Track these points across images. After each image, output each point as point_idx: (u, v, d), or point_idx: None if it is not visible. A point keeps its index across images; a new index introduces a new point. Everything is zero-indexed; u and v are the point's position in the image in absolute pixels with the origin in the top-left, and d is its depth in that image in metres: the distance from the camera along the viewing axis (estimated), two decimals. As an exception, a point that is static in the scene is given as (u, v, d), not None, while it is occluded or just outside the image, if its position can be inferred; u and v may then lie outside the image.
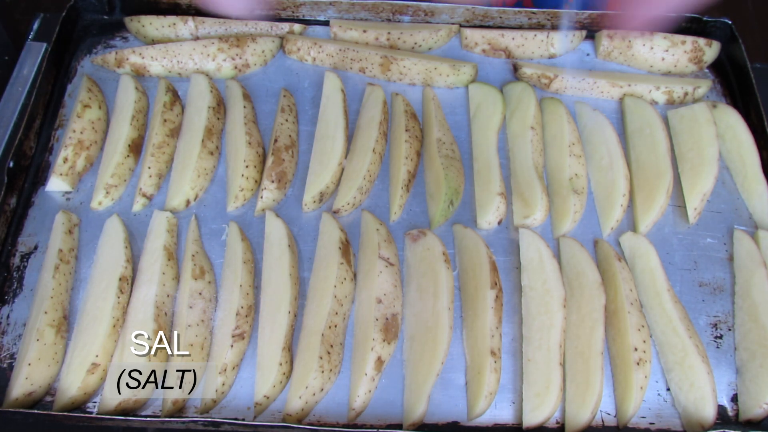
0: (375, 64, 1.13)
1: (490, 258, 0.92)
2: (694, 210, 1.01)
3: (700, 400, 0.85)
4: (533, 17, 1.17)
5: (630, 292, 0.91)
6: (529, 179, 1.01)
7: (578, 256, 0.95)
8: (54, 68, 1.11)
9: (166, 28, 1.14)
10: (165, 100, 1.06)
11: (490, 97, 1.10)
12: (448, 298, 0.89)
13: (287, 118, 1.06)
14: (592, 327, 0.88)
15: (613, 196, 1.00)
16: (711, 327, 0.93)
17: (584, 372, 0.86)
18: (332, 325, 0.88)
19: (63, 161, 1.00)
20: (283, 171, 1.01)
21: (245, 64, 1.13)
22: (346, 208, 0.99)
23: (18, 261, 0.95)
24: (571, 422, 0.84)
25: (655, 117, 1.07)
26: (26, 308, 0.91)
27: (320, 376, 0.84)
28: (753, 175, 1.03)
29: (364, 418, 0.85)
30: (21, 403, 0.83)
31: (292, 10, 1.20)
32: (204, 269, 0.92)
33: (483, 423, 0.85)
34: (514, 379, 0.88)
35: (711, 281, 0.97)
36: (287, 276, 0.91)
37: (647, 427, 0.86)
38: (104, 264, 0.92)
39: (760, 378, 0.86)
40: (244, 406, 0.85)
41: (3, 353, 0.88)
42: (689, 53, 1.14)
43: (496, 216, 0.99)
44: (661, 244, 0.99)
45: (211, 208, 1.01)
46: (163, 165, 1.02)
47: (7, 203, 0.97)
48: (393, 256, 0.94)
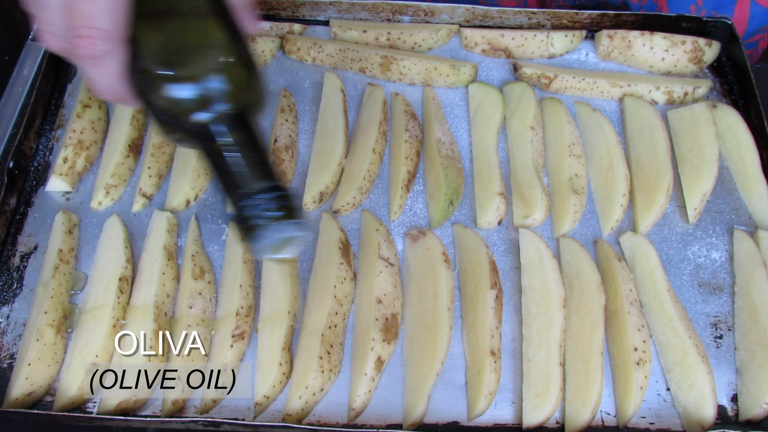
0: (375, 64, 1.13)
1: (490, 258, 0.92)
2: (694, 210, 1.01)
3: (700, 400, 0.85)
4: (533, 17, 1.17)
5: (630, 292, 0.91)
6: (529, 179, 1.01)
7: (578, 256, 0.95)
8: (54, 68, 1.11)
9: (166, 28, 1.14)
10: (165, 100, 1.06)
11: (490, 97, 1.10)
12: (448, 298, 0.89)
13: (287, 118, 1.06)
14: (592, 327, 0.88)
15: (613, 196, 1.00)
16: (711, 327, 0.93)
17: (584, 372, 0.86)
18: (332, 325, 0.88)
19: (63, 161, 1.00)
20: (283, 171, 1.01)
21: (245, 64, 1.13)
22: (346, 208, 0.99)
23: (18, 261, 0.95)
24: (571, 422, 0.84)
25: (655, 117, 1.07)
26: (26, 308, 0.91)
27: (320, 376, 0.84)
28: (753, 175, 1.03)
29: (364, 418, 0.85)
30: (21, 403, 0.83)
31: (292, 10, 1.20)
32: (204, 269, 0.92)
33: (483, 423, 0.85)
34: (514, 379, 0.88)
35: (711, 281, 0.97)
36: (287, 276, 0.91)
37: (647, 427, 0.86)
38: (104, 264, 0.92)
39: (760, 378, 0.86)
40: (244, 406, 0.85)
41: (3, 353, 0.88)
42: (689, 53, 1.14)
43: (496, 216, 0.99)
44: (661, 244, 0.99)
45: (211, 208, 1.01)
46: (163, 165, 1.02)
47: (7, 203, 0.97)
48: (393, 256, 0.94)
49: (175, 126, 0.64)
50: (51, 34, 0.62)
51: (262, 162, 0.63)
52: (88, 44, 0.59)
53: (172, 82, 0.61)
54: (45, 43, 0.63)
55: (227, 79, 0.62)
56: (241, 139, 0.63)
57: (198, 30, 0.63)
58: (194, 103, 0.61)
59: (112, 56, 0.60)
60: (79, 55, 0.60)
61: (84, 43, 0.59)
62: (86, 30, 0.58)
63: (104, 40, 0.59)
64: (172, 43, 0.62)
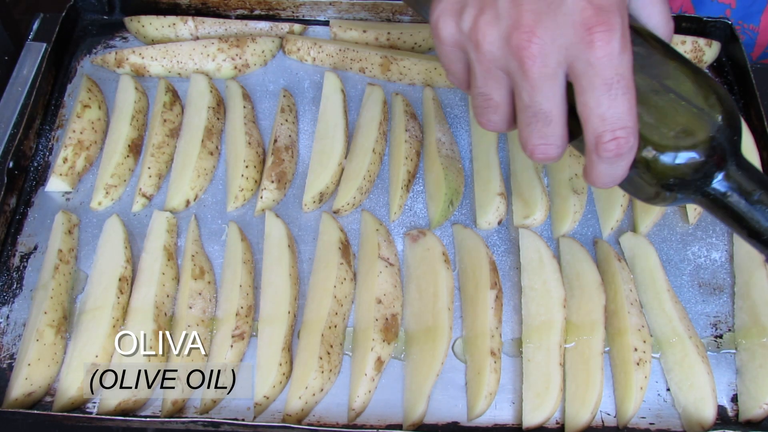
0: (375, 64, 1.13)
1: (490, 258, 0.92)
2: (694, 210, 1.01)
3: (700, 400, 0.85)
4: (533, 17, 1.17)
5: (630, 292, 0.91)
6: (529, 179, 1.01)
7: (578, 256, 0.95)
8: (54, 68, 1.11)
9: (165, 28, 1.14)
10: (165, 100, 1.06)
11: (490, 97, 1.10)
12: (448, 298, 0.89)
13: (287, 118, 1.06)
14: (592, 327, 0.88)
15: (613, 196, 1.00)
16: (711, 327, 0.93)
17: (584, 372, 0.86)
18: (332, 326, 0.88)
19: (63, 161, 1.00)
20: (283, 171, 1.01)
21: (245, 64, 1.13)
22: (346, 208, 0.99)
23: (18, 261, 0.95)
24: (571, 422, 0.84)
25: (655, 117, 1.07)
26: (26, 308, 0.91)
27: (320, 376, 0.84)
28: (753, 175, 1.03)
29: (364, 418, 0.85)
30: (20, 403, 0.83)
31: (292, 10, 1.20)
32: (204, 269, 0.92)
33: (483, 423, 0.85)
34: (514, 379, 0.88)
35: (711, 281, 0.97)
36: (287, 276, 0.91)
37: (647, 427, 0.86)
38: (104, 264, 0.92)
39: (760, 378, 0.86)
40: (244, 407, 0.85)
41: (3, 353, 0.88)
42: (689, 53, 1.14)
43: (496, 216, 0.99)
44: (661, 244, 0.99)
45: (211, 208, 1.01)
46: (162, 165, 1.02)
47: (7, 203, 0.97)
48: (393, 257, 0.94)
49: (685, 190, 0.65)
50: (553, 146, 0.64)
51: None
52: (617, 145, 0.60)
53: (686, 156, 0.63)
54: (542, 154, 0.65)
55: (724, 133, 0.63)
56: (753, 180, 0.65)
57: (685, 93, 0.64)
58: (706, 167, 0.63)
59: (635, 148, 0.62)
60: (606, 156, 0.61)
61: (620, 144, 0.60)
62: (620, 131, 0.59)
63: (632, 137, 0.60)
64: (668, 116, 0.63)
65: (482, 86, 0.66)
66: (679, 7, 1.23)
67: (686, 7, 1.23)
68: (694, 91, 0.64)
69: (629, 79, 0.59)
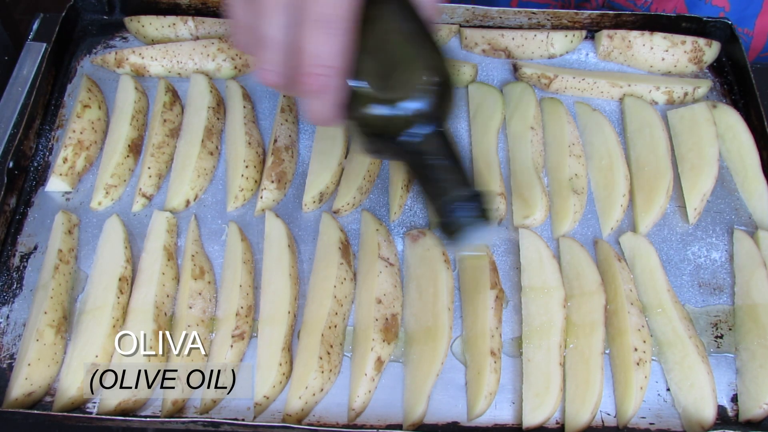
0: (375, 64, 1.12)
1: (490, 258, 0.92)
2: (694, 210, 1.01)
3: (700, 400, 0.85)
4: (533, 17, 1.17)
5: (630, 292, 0.91)
6: (529, 179, 1.01)
7: (578, 256, 0.95)
8: (54, 68, 1.11)
9: (165, 28, 1.14)
10: (165, 100, 1.06)
11: (490, 97, 1.10)
12: (448, 299, 0.89)
13: (287, 118, 1.06)
14: (592, 327, 0.88)
15: (613, 197, 1.00)
16: (711, 327, 0.93)
17: (584, 372, 0.86)
18: (332, 326, 0.88)
19: (63, 161, 1.00)
20: (283, 171, 1.01)
21: (245, 64, 1.13)
22: (346, 208, 0.99)
23: (18, 261, 0.95)
24: (571, 422, 0.84)
25: (655, 117, 1.07)
26: (26, 308, 0.91)
27: (320, 376, 0.84)
28: (753, 175, 1.03)
29: (364, 418, 0.85)
30: (20, 403, 0.83)
31: (292, 10, 1.20)
32: (204, 269, 0.92)
33: (483, 423, 0.85)
34: (514, 379, 0.88)
35: (711, 281, 0.97)
36: (287, 276, 0.91)
37: (647, 427, 0.86)
38: (104, 264, 0.92)
39: (760, 378, 0.86)
40: (244, 407, 0.85)
41: (3, 353, 0.88)
42: (689, 53, 1.14)
43: (496, 216, 0.99)
44: (661, 244, 0.99)
45: (211, 208, 1.01)
46: (162, 165, 1.02)
47: (7, 203, 0.97)
48: (393, 257, 0.94)
49: (384, 144, 0.69)
50: (271, 72, 0.66)
51: (462, 169, 0.68)
52: (316, 80, 0.63)
53: (389, 105, 0.66)
54: (261, 79, 0.67)
55: (438, 98, 0.67)
56: (445, 150, 0.68)
57: (408, 56, 0.67)
58: (409, 123, 0.66)
59: (336, 88, 0.65)
60: (305, 90, 0.64)
61: (313, 80, 0.63)
62: (317, 68, 0.62)
63: (332, 76, 0.63)
64: (388, 70, 0.66)
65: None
66: (672, 9, 1.23)
67: (680, 8, 1.23)
68: (415, 54, 0.67)
69: (345, 22, 0.62)
